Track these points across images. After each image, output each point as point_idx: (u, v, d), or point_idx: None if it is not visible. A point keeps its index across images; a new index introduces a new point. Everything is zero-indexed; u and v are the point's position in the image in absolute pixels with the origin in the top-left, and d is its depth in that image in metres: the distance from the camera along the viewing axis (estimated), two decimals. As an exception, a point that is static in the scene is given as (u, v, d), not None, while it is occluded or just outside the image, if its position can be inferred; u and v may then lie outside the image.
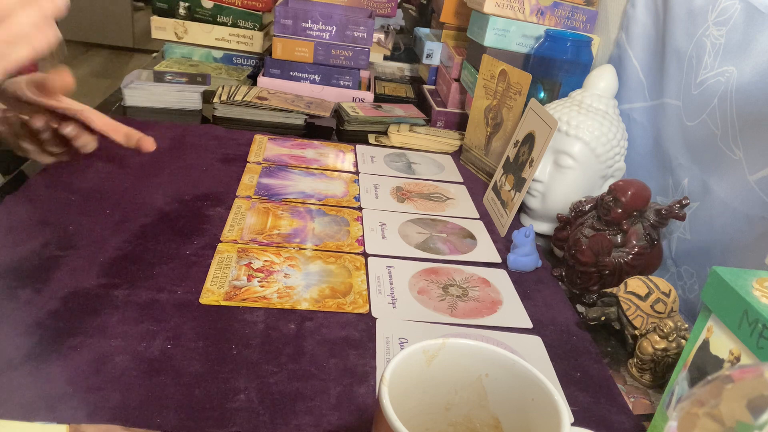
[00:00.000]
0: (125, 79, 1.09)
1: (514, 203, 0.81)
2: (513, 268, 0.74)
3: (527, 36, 1.02)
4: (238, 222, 0.75)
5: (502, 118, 0.94)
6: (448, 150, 1.09)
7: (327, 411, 0.49)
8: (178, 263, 0.66)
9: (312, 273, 0.68)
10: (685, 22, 0.77)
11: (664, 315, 0.61)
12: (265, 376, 0.52)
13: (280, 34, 1.17)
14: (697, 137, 0.73)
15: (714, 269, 0.45)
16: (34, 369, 0.49)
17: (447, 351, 0.39)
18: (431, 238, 0.79)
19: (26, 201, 0.74)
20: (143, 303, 0.59)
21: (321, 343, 0.57)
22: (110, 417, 0.46)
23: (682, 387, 0.49)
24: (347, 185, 0.90)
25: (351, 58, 1.21)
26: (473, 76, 1.06)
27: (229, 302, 0.61)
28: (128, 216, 0.73)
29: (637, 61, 0.89)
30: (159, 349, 0.53)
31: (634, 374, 0.60)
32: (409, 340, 0.59)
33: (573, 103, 0.82)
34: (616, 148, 0.80)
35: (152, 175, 0.84)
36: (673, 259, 0.76)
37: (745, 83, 0.65)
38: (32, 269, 0.61)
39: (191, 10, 1.29)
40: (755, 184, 0.63)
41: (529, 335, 0.63)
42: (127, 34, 4.32)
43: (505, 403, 0.39)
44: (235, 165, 0.91)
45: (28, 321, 0.54)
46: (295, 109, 1.09)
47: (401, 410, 0.33)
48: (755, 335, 0.41)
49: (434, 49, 1.34)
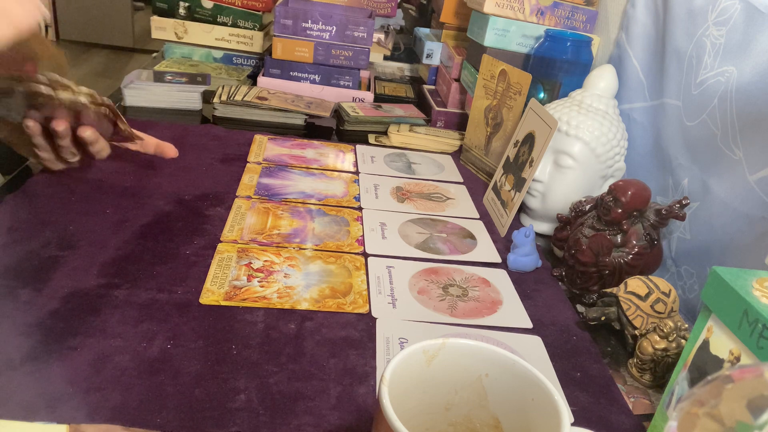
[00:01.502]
0: (125, 79, 1.09)
1: (514, 203, 0.81)
2: (513, 268, 0.74)
3: (527, 36, 1.02)
4: (238, 222, 0.75)
5: (502, 118, 0.94)
6: (448, 150, 1.09)
7: (327, 411, 0.49)
8: (178, 263, 0.66)
9: (312, 273, 0.68)
10: (685, 22, 0.77)
11: (664, 315, 0.61)
12: (265, 376, 0.52)
13: (280, 34, 1.17)
14: (697, 137, 0.73)
15: (714, 269, 0.45)
16: (34, 369, 0.49)
17: (447, 351, 0.39)
18: (431, 238, 0.79)
19: (26, 201, 0.74)
20: (143, 303, 0.59)
21: (321, 343, 0.57)
22: (110, 417, 0.46)
23: (682, 387, 0.49)
24: (347, 185, 0.90)
25: (351, 58, 1.21)
26: (473, 76, 1.06)
27: (229, 302, 0.61)
28: (128, 216, 0.73)
29: (637, 61, 0.89)
30: (159, 349, 0.53)
31: (634, 374, 0.60)
32: (409, 340, 0.59)
33: (573, 103, 0.82)
34: (616, 148, 0.80)
35: (152, 175, 0.84)
36: (673, 259, 0.76)
37: (745, 83, 0.65)
38: (32, 269, 0.61)
39: (191, 10, 1.29)
40: (755, 184, 0.63)
41: (529, 335, 0.63)
42: (127, 34, 4.32)
43: (505, 403, 0.39)
44: (235, 165, 0.91)
45: (28, 321, 0.54)
46: (295, 109, 1.09)
47: (401, 410, 0.33)
48: (755, 335, 0.41)
49: (434, 49, 1.34)
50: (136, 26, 4.34)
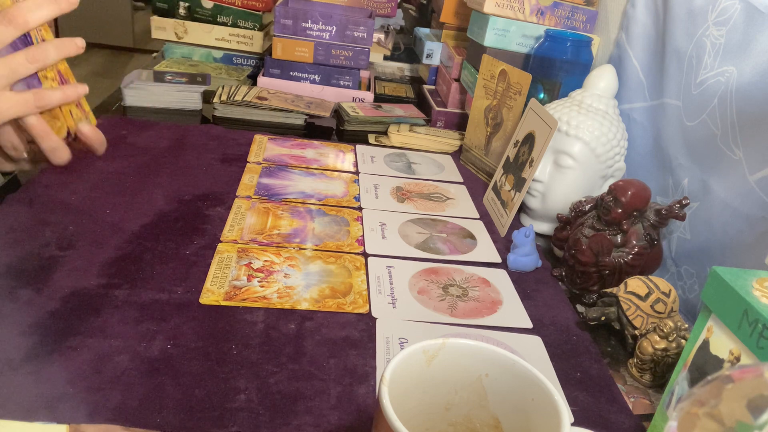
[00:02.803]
0: (125, 79, 1.09)
1: (514, 203, 0.81)
2: (513, 268, 0.74)
3: (527, 36, 1.02)
4: (238, 222, 0.75)
5: (502, 118, 0.94)
6: (448, 150, 1.09)
7: (327, 411, 0.49)
8: (178, 263, 0.66)
9: (312, 273, 0.68)
10: (685, 22, 0.77)
11: (664, 315, 0.61)
12: (265, 376, 0.52)
13: (280, 34, 1.17)
14: (697, 137, 0.73)
15: (714, 269, 0.45)
16: (34, 369, 0.49)
17: (447, 351, 0.39)
18: (431, 238, 0.79)
19: (26, 201, 0.74)
20: (143, 303, 0.59)
21: (321, 343, 0.57)
22: (110, 417, 0.46)
23: (682, 387, 0.49)
24: (347, 185, 0.90)
25: (351, 58, 1.21)
26: (473, 76, 1.06)
27: (229, 302, 0.61)
28: (128, 216, 0.73)
29: (637, 61, 0.89)
30: (159, 349, 0.53)
31: (634, 374, 0.60)
32: (409, 340, 0.59)
33: (573, 103, 0.82)
34: (616, 148, 0.80)
35: (152, 175, 0.84)
36: (673, 259, 0.76)
37: (745, 83, 0.65)
38: (32, 269, 0.61)
39: (191, 10, 1.29)
40: (755, 184, 0.63)
41: (529, 335, 0.63)
42: (127, 34, 4.33)
43: (505, 403, 0.39)
44: (235, 165, 0.91)
45: (28, 321, 0.54)
46: (295, 109, 1.09)
47: (401, 410, 0.33)
48: (755, 335, 0.41)
49: (434, 49, 1.34)
50: (136, 26, 4.34)
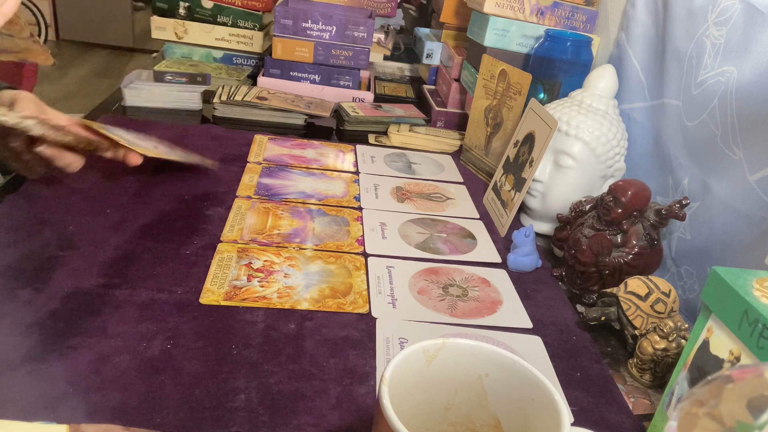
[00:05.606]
0: (125, 79, 1.09)
1: (514, 203, 0.81)
2: (513, 268, 0.74)
3: (527, 36, 1.02)
4: (238, 222, 0.75)
5: (502, 118, 0.94)
6: (448, 150, 1.09)
7: (327, 411, 0.49)
8: (178, 263, 0.66)
9: (312, 273, 0.68)
10: (685, 22, 0.77)
11: (664, 315, 0.61)
12: (265, 376, 0.52)
13: (280, 34, 1.17)
14: (697, 137, 0.73)
15: (714, 269, 0.45)
16: (34, 369, 0.49)
17: (447, 351, 0.39)
18: (431, 238, 0.79)
19: (26, 201, 0.74)
20: (143, 303, 0.59)
21: (321, 343, 0.57)
22: (110, 417, 0.46)
23: (682, 387, 0.49)
24: (347, 185, 0.90)
25: (351, 58, 1.21)
26: (473, 76, 1.06)
27: (229, 302, 0.61)
28: (128, 216, 0.73)
29: (637, 61, 0.89)
30: (159, 349, 0.53)
31: (634, 374, 0.60)
32: (409, 340, 0.59)
33: (573, 103, 0.82)
34: (616, 148, 0.80)
35: (152, 175, 0.84)
36: (673, 259, 0.76)
37: (745, 83, 0.65)
38: (32, 269, 0.61)
39: (191, 10, 1.29)
40: (755, 184, 0.63)
41: (529, 335, 0.63)
42: (127, 34, 4.33)
43: (505, 403, 0.39)
44: (235, 165, 0.91)
45: (28, 321, 0.54)
46: (295, 109, 1.09)
47: (401, 410, 0.33)
48: (755, 335, 0.41)
49: (434, 49, 1.34)
50: (136, 26, 4.34)
